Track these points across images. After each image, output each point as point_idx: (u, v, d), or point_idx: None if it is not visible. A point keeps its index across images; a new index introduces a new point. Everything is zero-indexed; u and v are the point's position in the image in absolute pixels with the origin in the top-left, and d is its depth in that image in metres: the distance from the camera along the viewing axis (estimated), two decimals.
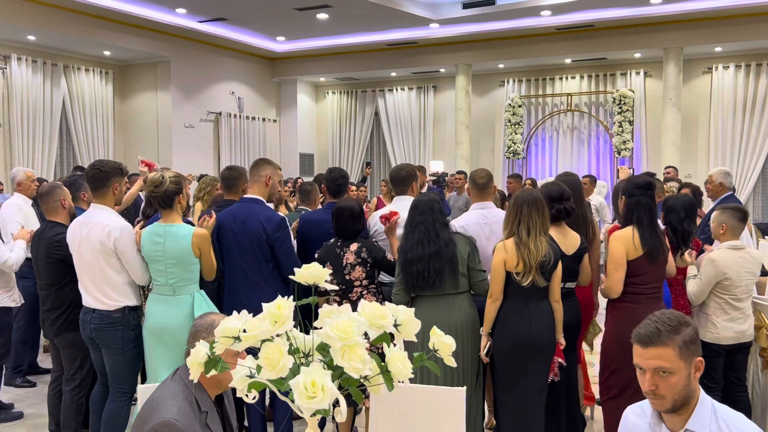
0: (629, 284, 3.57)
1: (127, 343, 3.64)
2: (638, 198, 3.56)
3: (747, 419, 1.91)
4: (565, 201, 3.73)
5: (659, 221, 4.26)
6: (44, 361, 5.97)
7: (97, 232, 3.53)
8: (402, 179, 4.38)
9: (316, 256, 3.91)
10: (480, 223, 4.09)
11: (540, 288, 3.44)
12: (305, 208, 5.02)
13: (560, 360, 3.64)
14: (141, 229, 3.68)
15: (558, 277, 3.51)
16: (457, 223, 4.09)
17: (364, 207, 4.07)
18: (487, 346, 3.54)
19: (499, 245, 3.50)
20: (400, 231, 4.10)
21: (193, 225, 3.69)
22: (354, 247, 3.83)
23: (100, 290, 3.59)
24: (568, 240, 3.73)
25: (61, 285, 3.97)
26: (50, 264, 3.97)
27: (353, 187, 8.93)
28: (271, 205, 4.14)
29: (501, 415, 3.60)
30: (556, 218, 3.72)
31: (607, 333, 3.71)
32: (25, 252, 4.65)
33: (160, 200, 3.54)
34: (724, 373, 3.95)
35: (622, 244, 3.55)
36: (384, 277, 4.23)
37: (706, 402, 1.90)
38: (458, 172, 9.63)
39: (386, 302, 1.81)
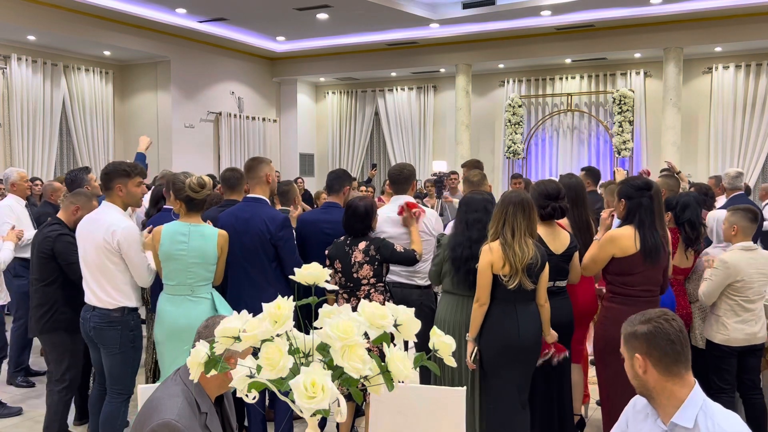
0: (620, 284, 3.54)
1: (126, 344, 3.63)
2: (640, 200, 3.49)
3: (740, 421, 1.90)
4: (560, 200, 3.70)
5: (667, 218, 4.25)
6: (41, 362, 5.96)
7: (102, 231, 3.54)
8: (405, 178, 4.37)
9: (326, 253, 3.91)
10: None
11: (528, 291, 3.39)
12: (286, 208, 4.93)
13: (551, 350, 3.58)
14: (148, 232, 3.69)
15: (545, 280, 3.46)
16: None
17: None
18: (474, 351, 3.50)
19: (485, 248, 3.42)
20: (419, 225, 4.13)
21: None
22: (362, 245, 3.82)
23: (101, 287, 3.59)
24: (559, 240, 3.69)
25: (47, 282, 3.97)
26: (39, 259, 4.00)
27: (355, 185, 8.96)
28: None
29: (489, 416, 3.58)
30: (550, 216, 3.70)
31: (595, 332, 3.70)
32: (13, 252, 4.66)
33: (200, 203, 3.57)
34: (738, 375, 3.92)
35: (615, 246, 3.49)
36: (396, 277, 4.22)
37: (696, 399, 1.93)
38: (452, 173, 9.61)
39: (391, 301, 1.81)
